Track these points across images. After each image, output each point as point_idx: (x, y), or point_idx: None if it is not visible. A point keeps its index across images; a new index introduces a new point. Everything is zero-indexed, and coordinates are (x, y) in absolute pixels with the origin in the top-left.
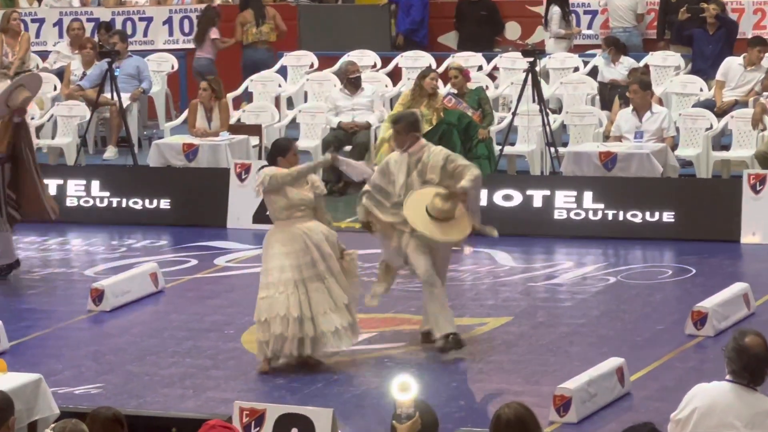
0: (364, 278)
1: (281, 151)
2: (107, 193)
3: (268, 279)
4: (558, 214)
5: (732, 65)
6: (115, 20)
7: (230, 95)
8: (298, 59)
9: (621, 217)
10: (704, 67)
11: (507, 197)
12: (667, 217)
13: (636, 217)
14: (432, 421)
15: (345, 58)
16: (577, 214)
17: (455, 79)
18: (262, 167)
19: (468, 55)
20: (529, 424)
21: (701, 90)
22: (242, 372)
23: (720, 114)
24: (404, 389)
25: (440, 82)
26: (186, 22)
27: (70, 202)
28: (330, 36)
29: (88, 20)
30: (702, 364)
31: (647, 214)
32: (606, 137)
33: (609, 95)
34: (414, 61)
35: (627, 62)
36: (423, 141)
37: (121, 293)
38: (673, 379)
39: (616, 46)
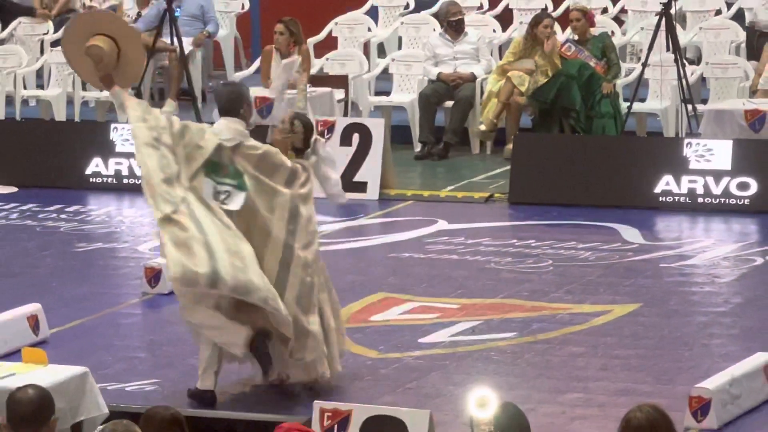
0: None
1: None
2: None
3: None
4: (695, 183)
5: None
6: None
7: (311, 40)
8: None
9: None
10: None
11: (634, 162)
12: None
13: None
14: (522, 428)
15: None
16: (718, 183)
17: (577, 22)
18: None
19: None
20: (663, 430)
21: None
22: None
23: None
24: (483, 405)
25: (558, 27)
26: None
27: (120, 165)
28: None
29: None
30: None
31: None
32: (753, 93)
33: (758, 43)
34: (527, 2)
35: None
36: None
37: None
38: None
39: None
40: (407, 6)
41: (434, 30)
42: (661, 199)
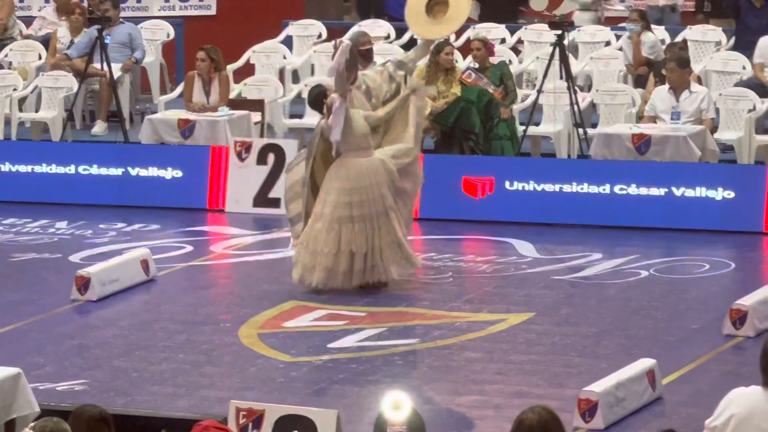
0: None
1: None
2: (95, 173)
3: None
4: (585, 201)
5: (767, 43)
6: None
7: (230, 67)
8: (305, 29)
9: (654, 206)
10: (749, 43)
11: (530, 182)
12: (705, 206)
13: (671, 205)
14: (418, 427)
15: (356, 28)
16: (606, 202)
17: (477, 51)
18: None
19: (490, 27)
20: (553, 429)
21: (744, 68)
22: (239, 369)
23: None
24: (397, 407)
25: (459, 56)
26: None
27: (54, 182)
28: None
29: None
30: (740, 367)
31: (683, 202)
32: (639, 118)
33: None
34: None
35: (649, 40)
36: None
37: (109, 281)
38: (708, 383)
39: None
40: (320, 35)
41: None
42: (554, 215)
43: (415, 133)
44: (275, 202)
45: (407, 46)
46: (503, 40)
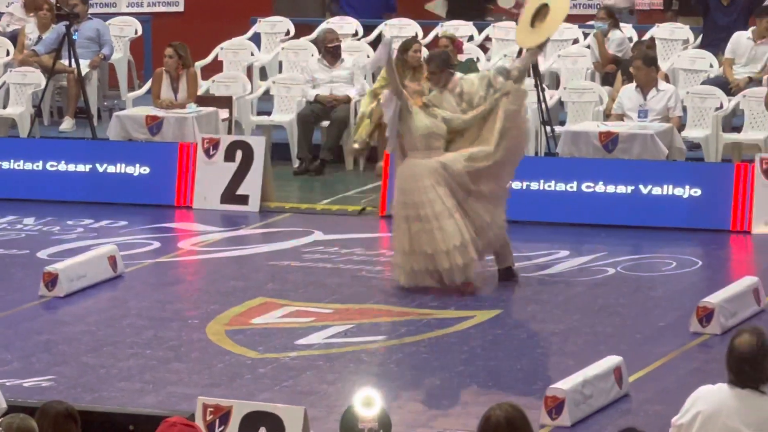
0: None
1: None
2: (63, 169)
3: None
4: (552, 199)
5: (740, 40)
6: None
7: (198, 64)
8: (273, 26)
9: (621, 203)
10: (716, 40)
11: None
12: (672, 204)
13: (638, 203)
14: (385, 424)
15: (324, 26)
16: (573, 199)
17: (445, 48)
18: None
19: (458, 24)
20: (520, 427)
21: (711, 66)
22: (207, 365)
23: (734, 93)
24: (368, 404)
25: (427, 53)
26: None
27: (22, 178)
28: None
29: None
30: (707, 365)
31: (650, 200)
32: (607, 116)
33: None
34: (399, 29)
35: (616, 38)
36: (457, 75)
37: (77, 277)
38: (675, 380)
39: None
40: (288, 32)
41: (312, 55)
42: (521, 212)
43: (500, 138)
44: (243, 199)
45: (375, 44)
46: (471, 38)
